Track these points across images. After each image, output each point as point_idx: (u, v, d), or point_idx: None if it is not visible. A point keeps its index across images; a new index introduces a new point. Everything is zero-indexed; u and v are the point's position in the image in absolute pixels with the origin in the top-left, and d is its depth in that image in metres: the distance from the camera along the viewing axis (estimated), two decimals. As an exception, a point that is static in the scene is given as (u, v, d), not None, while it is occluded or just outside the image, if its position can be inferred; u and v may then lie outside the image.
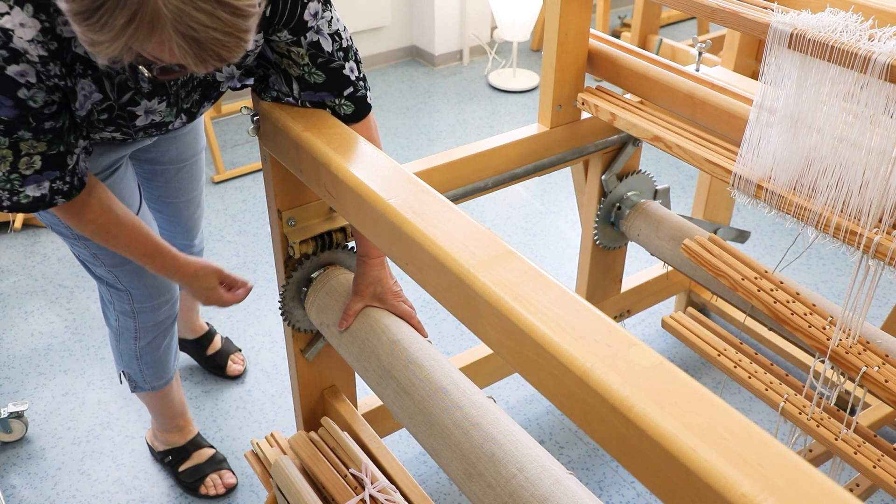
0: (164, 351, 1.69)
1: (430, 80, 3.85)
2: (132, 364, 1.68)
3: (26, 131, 1.07)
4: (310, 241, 1.35)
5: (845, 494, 0.58)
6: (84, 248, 1.46)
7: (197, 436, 1.90)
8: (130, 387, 1.73)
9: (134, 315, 1.60)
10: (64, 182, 1.15)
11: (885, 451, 1.42)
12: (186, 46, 0.87)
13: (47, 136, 1.09)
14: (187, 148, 1.66)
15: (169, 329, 1.68)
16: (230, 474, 1.86)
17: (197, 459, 1.86)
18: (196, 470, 1.85)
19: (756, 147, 1.35)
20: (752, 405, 2.05)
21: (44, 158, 1.11)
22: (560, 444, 1.97)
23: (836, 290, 2.45)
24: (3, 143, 1.07)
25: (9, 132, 1.06)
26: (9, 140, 1.07)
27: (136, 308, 1.59)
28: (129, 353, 1.66)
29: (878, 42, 1.15)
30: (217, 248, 2.65)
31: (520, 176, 1.69)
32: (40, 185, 1.13)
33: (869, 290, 1.29)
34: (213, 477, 1.84)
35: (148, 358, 1.68)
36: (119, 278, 1.52)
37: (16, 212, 1.16)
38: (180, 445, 1.87)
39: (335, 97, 1.21)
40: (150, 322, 1.62)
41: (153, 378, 1.72)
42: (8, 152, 1.08)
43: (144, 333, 1.64)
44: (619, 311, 2.10)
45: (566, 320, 0.76)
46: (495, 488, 1.00)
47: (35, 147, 1.09)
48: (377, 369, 1.22)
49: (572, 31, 1.61)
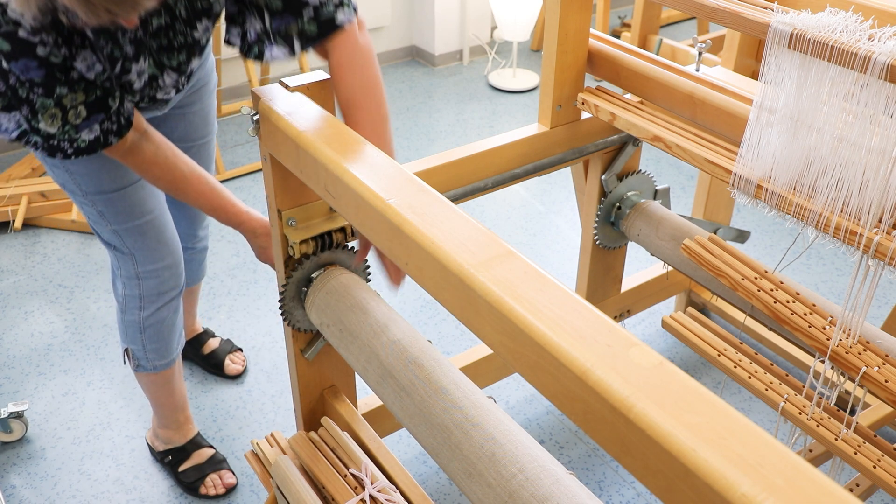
0: (167, 326, 1.70)
1: (430, 80, 3.85)
2: (136, 338, 1.69)
3: (61, 87, 1.20)
4: (310, 241, 1.35)
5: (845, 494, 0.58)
6: (91, 207, 1.52)
7: (197, 435, 1.90)
8: (133, 366, 1.74)
9: (139, 280, 1.62)
10: (111, 122, 1.28)
11: (885, 451, 1.42)
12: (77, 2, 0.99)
13: (81, 86, 1.22)
14: (196, 129, 1.69)
15: (173, 302, 1.69)
16: (230, 474, 1.86)
17: (197, 459, 1.86)
18: (196, 470, 1.85)
19: (756, 147, 1.35)
20: (752, 405, 2.05)
21: (87, 106, 1.24)
22: (560, 444, 1.97)
23: (836, 290, 2.45)
24: (49, 105, 1.21)
25: (49, 92, 1.20)
26: (52, 100, 1.21)
27: (140, 272, 1.61)
28: (134, 325, 1.67)
29: (878, 42, 1.15)
30: (217, 248, 2.65)
31: (520, 176, 1.69)
32: (92, 129, 1.27)
33: (869, 290, 1.29)
34: (213, 477, 1.84)
35: (151, 331, 1.68)
36: (124, 240, 1.56)
37: (80, 155, 1.29)
38: (180, 445, 1.87)
39: (297, 19, 1.25)
40: (154, 290, 1.64)
41: (156, 356, 1.72)
42: (56, 110, 1.22)
43: (149, 303, 1.65)
44: (619, 311, 2.10)
45: (566, 320, 0.76)
46: (495, 488, 1.00)
47: (76, 99, 1.22)
48: (377, 369, 1.22)
49: (572, 31, 1.61)
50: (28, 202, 2.74)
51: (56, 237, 2.72)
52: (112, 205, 1.51)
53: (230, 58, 3.40)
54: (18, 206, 2.73)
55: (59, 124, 1.23)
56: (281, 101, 1.21)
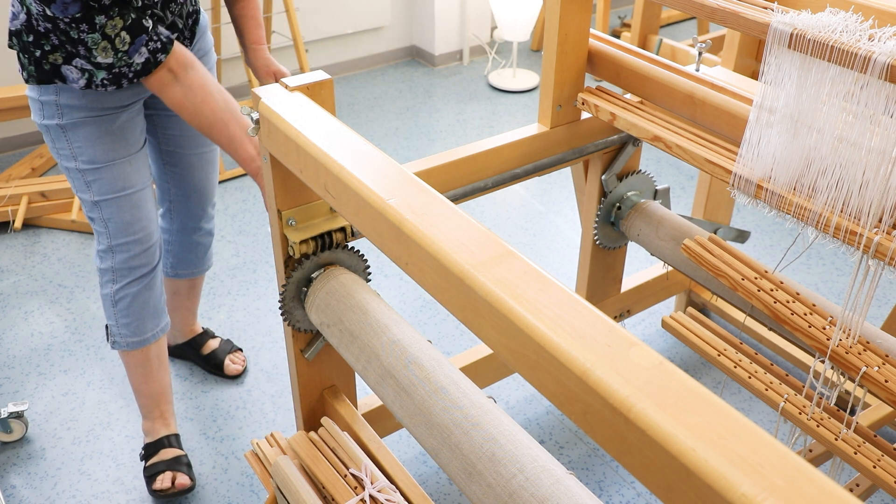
0: (140, 302, 1.75)
1: (430, 80, 3.85)
2: (110, 313, 1.76)
3: (98, 15, 1.34)
4: (310, 241, 1.35)
5: (845, 494, 0.58)
6: (81, 178, 1.62)
7: (173, 436, 1.89)
8: (109, 341, 1.80)
9: (112, 253, 1.70)
10: (154, 42, 1.43)
11: (885, 451, 1.42)
12: None
13: (115, 11, 1.36)
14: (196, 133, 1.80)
15: (145, 279, 1.74)
16: (186, 477, 1.83)
17: (162, 456, 1.85)
18: (155, 466, 1.83)
19: (756, 147, 1.35)
20: (752, 405, 2.05)
21: (127, 30, 1.39)
22: (560, 444, 1.97)
23: (836, 290, 2.45)
24: (98, 39, 1.38)
25: (92, 26, 1.36)
26: (98, 34, 1.37)
27: (113, 245, 1.69)
28: (108, 299, 1.75)
29: (878, 42, 1.15)
30: (217, 247, 2.66)
31: (520, 176, 1.69)
32: (140, 52, 1.42)
33: (869, 290, 1.29)
34: (168, 473, 1.82)
35: (122, 305, 1.74)
36: (102, 211, 1.66)
37: (139, 78, 1.47)
38: (154, 440, 1.87)
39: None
40: (125, 264, 1.71)
41: (128, 332, 1.77)
42: (105, 42, 1.38)
43: (120, 276, 1.72)
44: (619, 311, 2.10)
45: (566, 320, 0.76)
46: (495, 488, 1.00)
47: (115, 26, 1.37)
48: (377, 369, 1.22)
49: (572, 31, 1.61)
50: (28, 202, 2.74)
51: (56, 237, 2.72)
52: (98, 174, 1.62)
53: (230, 58, 3.40)
54: (18, 206, 2.73)
55: (112, 54, 1.40)
56: (281, 101, 1.21)
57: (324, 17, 3.69)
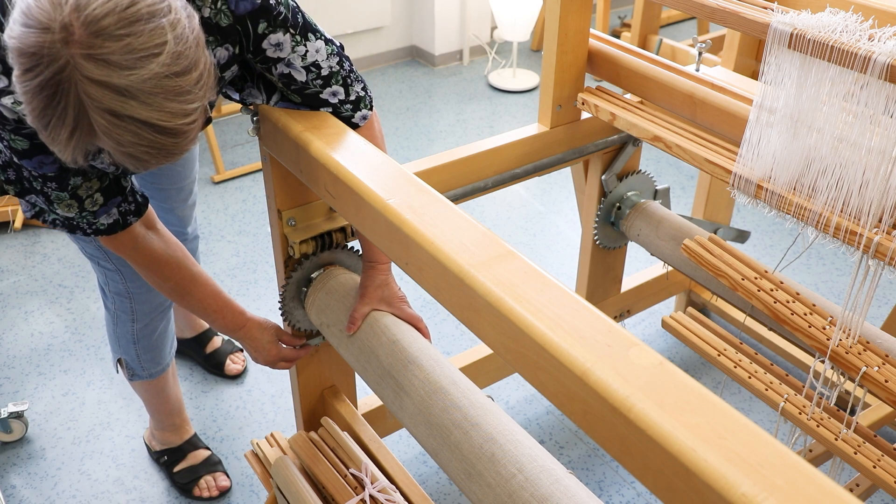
0: (160, 335, 1.69)
1: (430, 80, 3.85)
2: (129, 349, 1.68)
3: (74, 177, 1.15)
4: (310, 241, 1.35)
5: (845, 494, 0.58)
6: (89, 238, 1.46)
7: (193, 436, 1.89)
8: (127, 375, 1.73)
9: (130, 296, 1.60)
10: (129, 203, 1.24)
11: (885, 451, 1.42)
12: (121, 156, 0.93)
13: (95, 173, 1.18)
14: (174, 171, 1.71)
15: (166, 312, 1.68)
16: (224, 477, 1.85)
17: (192, 461, 1.86)
18: (190, 471, 1.85)
19: (756, 147, 1.35)
20: (752, 405, 2.05)
21: (102, 192, 1.20)
22: (560, 444, 1.97)
23: (836, 290, 2.45)
24: (64, 197, 1.17)
25: (63, 186, 1.15)
26: (68, 193, 1.16)
27: (131, 288, 1.59)
28: (127, 336, 1.66)
29: (878, 42, 1.15)
30: (217, 248, 2.66)
31: (520, 176, 1.69)
32: (110, 214, 1.22)
33: (869, 290, 1.29)
34: (208, 479, 1.84)
35: (145, 342, 1.68)
36: (108, 255, 1.52)
37: (99, 235, 1.25)
38: (176, 446, 1.87)
39: None
40: (146, 304, 1.62)
41: (150, 364, 1.72)
42: (72, 202, 1.18)
43: (141, 315, 1.63)
44: (619, 311, 2.10)
45: (566, 320, 0.76)
46: (495, 488, 1.00)
47: (90, 188, 1.18)
48: (377, 369, 1.22)
49: (572, 31, 1.61)
50: (28, 202, 2.74)
51: (56, 237, 2.72)
52: None
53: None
54: (18, 206, 2.73)
55: (76, 211, 1.20)
56: (281, 101, 1.21)
57: (324, 17, 3.69)
